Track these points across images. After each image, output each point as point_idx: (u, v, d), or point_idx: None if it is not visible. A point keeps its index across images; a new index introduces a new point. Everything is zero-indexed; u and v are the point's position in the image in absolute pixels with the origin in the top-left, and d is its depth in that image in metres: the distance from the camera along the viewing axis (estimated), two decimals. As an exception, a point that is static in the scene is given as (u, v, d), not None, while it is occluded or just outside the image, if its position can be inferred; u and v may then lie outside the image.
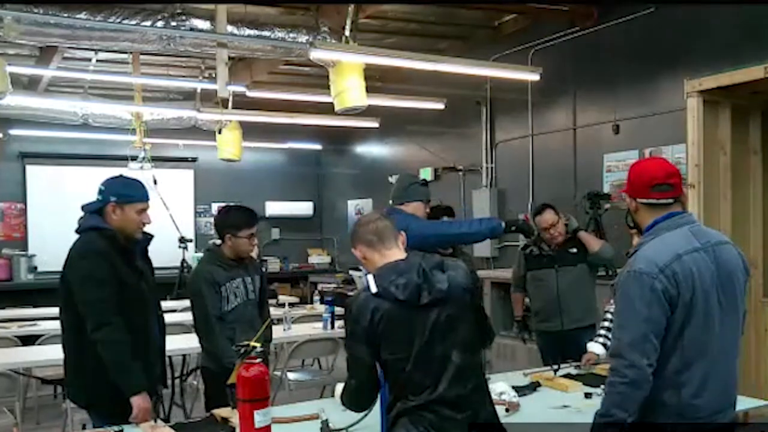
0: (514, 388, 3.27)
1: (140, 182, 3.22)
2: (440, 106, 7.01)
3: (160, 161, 9.25)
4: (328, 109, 5.77)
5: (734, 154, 4.90)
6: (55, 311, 3.32)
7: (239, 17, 5.58)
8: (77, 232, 3.09)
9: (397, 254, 2.36)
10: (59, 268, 3.07)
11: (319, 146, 11.76)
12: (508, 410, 3.01)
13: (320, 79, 7.10)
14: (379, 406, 2.60)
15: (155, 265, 3.35)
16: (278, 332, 5.44)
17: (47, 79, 8.45)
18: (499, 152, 7.85)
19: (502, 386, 3.18)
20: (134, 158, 8.41)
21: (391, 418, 2.29)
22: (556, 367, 3.85)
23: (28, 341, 5.66)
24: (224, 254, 3.83)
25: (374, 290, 2.23)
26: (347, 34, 5.03)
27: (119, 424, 2.92)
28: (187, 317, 4.60)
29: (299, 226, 11.94)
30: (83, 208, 3.13)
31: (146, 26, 5.22)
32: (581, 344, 4.28)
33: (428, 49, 7.26)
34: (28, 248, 9.99)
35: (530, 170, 7.31)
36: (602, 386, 2.59)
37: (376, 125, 7.54)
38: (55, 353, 3.98)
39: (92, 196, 3.13)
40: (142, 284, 3.14)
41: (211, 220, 10.40)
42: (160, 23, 5.25)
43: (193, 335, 3.98)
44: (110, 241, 3.03)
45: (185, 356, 5.62)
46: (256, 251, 4.50)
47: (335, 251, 11.68)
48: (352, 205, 11.03)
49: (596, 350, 3.84)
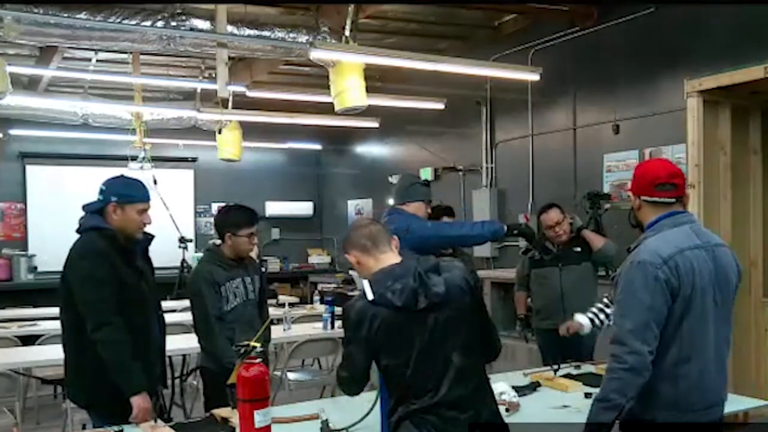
0: (514, 388, 3.28)
1: (141, 182, 3.22)
2: (440, 106, 7.00)
3: (160, 161, 9.24)
4: (328, 109, 5.76)
5: (734, 154, 4.91)
6: (55, 311, 3.33)
7: (239, 17, 5.58)
8: (78, 232, 3.09)
9: (391, 258, 2.36)
10: (59, 268, 3.07)
11: (319, 146, 11.75)
12: (508, 410, 3.02)
13: (320, 79, 7.10)
14: (379, 407, 2.60)
15: (155, 265, 3.35)
16: (278, 332, 5.45)
17: (47, 79, 8.44)
18: (499, 152, 7.85)
19: (502, 386, 3.18)
20: (134, 158, 8.40)
21: (393, 422, 2.28)
22: (556, 367, 3.86)
23: (28, 341, 5.66)
24: (224, 254, 3.83)
25: (371, 297, 2.23)
26: (347, 34, 5.03)
27: (119, 424, 2.92)
28: (187, 317, 4.60)
29: (299, 226, 11.94)
30: (84, 208, 3.13)
31: (146, 26, 5.22)
32: (581, 344, 4.29)
33: (428, 49, 7.25)
34: (28, 248, 9.98)
35: (530, 170, 7.31)
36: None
37: (376, 125, 7.53)
38: (55, 353, 3.98)
39: (92, 196, 3.13)
40: (142, 284, 3.14)
41: (211, 220, 10.39)
42: (160, 23, 5.25)
43: (193, 335, 3.98)
44: (110, 241, 3.03)
45: (185, 356, 5.61)
46: (256, 251, 4.49)
47: (335, 251, 11.66)
48: (352, 205, 11.03)
49: (581, 320, 3.80)
